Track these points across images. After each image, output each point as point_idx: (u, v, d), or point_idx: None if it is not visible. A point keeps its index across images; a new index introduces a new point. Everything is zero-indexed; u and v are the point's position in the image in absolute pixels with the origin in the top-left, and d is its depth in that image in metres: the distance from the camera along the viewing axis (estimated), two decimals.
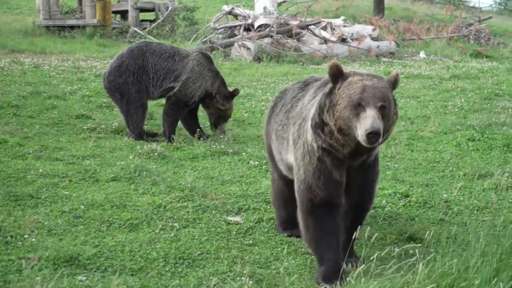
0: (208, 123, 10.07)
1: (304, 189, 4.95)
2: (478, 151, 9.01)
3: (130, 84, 9.34)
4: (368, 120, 4.31)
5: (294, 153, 5.17)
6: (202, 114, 10.17)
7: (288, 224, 5.90)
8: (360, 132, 4.35)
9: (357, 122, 4.39)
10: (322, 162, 4.82)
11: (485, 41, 24.31)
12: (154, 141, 9.13)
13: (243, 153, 8.53)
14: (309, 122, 4.83)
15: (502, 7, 49.27)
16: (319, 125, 4.68)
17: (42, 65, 15.22)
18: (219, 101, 9.55)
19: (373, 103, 4.38)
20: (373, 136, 4.29)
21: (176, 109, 9.55)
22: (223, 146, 8.79)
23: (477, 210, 6.58)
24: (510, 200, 6.83)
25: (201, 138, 9.31)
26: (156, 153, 8.27)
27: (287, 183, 5.68)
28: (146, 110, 9.61)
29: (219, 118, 9.81)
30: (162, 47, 9.88)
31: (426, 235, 5.41)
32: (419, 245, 5.21)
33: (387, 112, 4.47)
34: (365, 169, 5.01)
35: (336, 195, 4.93)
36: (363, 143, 4.38)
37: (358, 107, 4.41)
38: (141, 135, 9.37)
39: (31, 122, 9.87)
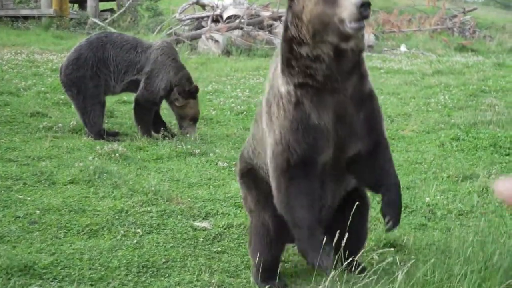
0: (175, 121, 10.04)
1: (280, 150, 4.43)
2: (462, 151, 9.06)
3: (88, 79, 9.28)
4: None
5: (267, 123, 4.60)
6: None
7: (272, 273, 4.95)
8: (346, 11, 3.90)
9: (336, 7, 3.95)
10: (298, 106, 4.31)
11: (470, 34, 24.53)
12: (115, 141, 9.11)
13: (211, 154, 8.53)
14: (277, 74, 4.44)
15: None
16: (288, 59, 4.29)
17: None
18: (176, 95, 9.44)
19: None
20: (366, 5, 3.85)
21: (147, 110, 9.53)
22: (189, 147, 8.79)
23: (461, 214, 6.59)
24: (496, 204, 6.86)
25: (166, 138, 9.30)
26: (117, 154, 8.22)
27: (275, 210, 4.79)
28: (104, 107, 9.57)
29: (181, 118, 9.73)
30: (124, 37, 9.83)
31: (406, 241, 5.46)
32: (400, 251, 5.25)
33: None
34: (363, 102, 4.42)
35: (317, 148, 4.37)
36: (349, 27, 3.93)
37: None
38: (101, 133, 9.32)
39: None
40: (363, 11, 3.85)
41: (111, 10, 25.65)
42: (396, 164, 7.98)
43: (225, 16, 21.09)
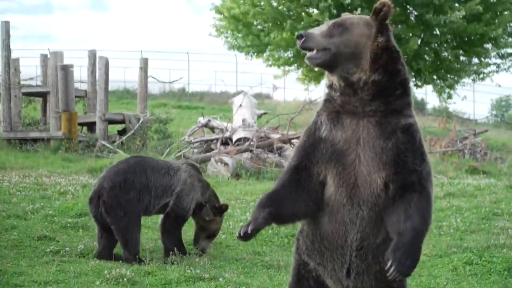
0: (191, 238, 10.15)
1: (291, 156, 4.57)
2: (476, 276, 8.97)
3: (136, 201, 9.46)
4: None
5: None
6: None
7: None
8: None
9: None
10: (316, 118, 4.46)
11: (482, 156, 24.62)
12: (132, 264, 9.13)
13: (221, 279, 8.40)
14: None
15: (499, 119, 50.21)
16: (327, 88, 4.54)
17: (1, 181, 15.24)
18: (208, 211, 9.92)
19: (327, 23, 4.38)
20: (299, 37, 4.21)
21: (177, 225, 9.87)
22: (198, 271, 8.72)
23: None
24: None
25: (175, 262, 9.33)
26: (125, 279, 8.15)
27: None
28: None
29: (202, 232, 10.10)
30: (158, 162, 10.32)
31: None
32: None
33: (342, 29, 4.26)
34: (395, 133, 4.26)
35: (313, 157, 4.34)
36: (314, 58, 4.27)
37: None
38: (138, 256, 9.40)
39: None
40: (298, 43, 4.24)
41: (121, 132, 25.92)
42: None
43: (234, 138, 21.30)
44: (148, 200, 9.62)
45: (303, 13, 30.74)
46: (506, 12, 31.47)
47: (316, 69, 4.42)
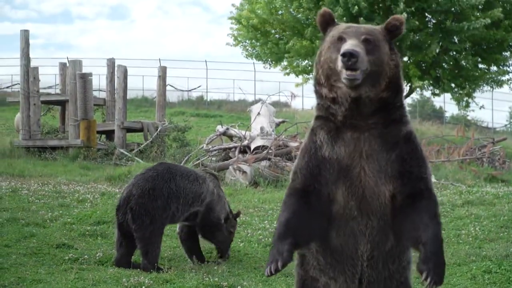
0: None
1: (292, 173, 4.48)
2: (495, 284, 8.93)
3: (162, 209, 9.47)
4: (344, 46, 4.07)
5: None
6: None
7: None
8: (338, 62, 4.06)
9: (338, 53, 4.09)
10: (312, 137, 4.37)
11: (500, 164, 24.51)
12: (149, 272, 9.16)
13: (239, 287, 8.42)
14: None
15: None
16: (315, 94, 4.40)
17: (20, 189, 15.33)
18: (233, 222, 10.22)
19: (354, 35, 4.15)
20: (348, 57, 3.95)
21: (218, 231, 10.11)
22: (217, 279, 8.72)
23: None
24: None
25: (193, 270, 9.38)
26: (143, 287, 8.19)
27: None
28: None
29: (227, 243, 10.30)
30: (186, 169, 10.59)
31: None
32: None
33: (373, 46, 4.17)
34: (397, 144, 4.25)
35: (320, 179, 4.28)
36: (343, 76, 4.05)
37: (339, 41, 4.18)
38: (157, 264, 9.41)
39: (7, 252, 9.87)
40: (346, 62, 3.97)
41: (138, 144, 25.95)
42: None
43: (252, 146, 21.30)
44: (176, 207, 9.62)
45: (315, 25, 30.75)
46: None
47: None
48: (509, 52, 32.70)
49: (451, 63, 32.62)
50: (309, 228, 4.26)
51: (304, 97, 44.77)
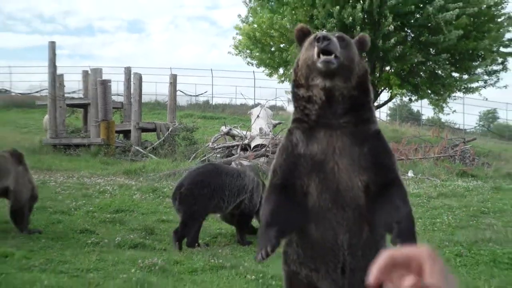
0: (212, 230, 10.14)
1: (271, 171, 4.37)
2: (465, 266, 8.96)
3: (207, 198, 9.91)
4: (318, 34, 4.01)
5: None
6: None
7: None
8: (315, 49, 3.97)
9: (313, 48, 4.02)
10: (289, 137, 4.28)
11: (470, 161, 24.53)
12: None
13: (241, 267, 8.45)
14: None
15: (486, 129, 50.01)
16: (294, 101, 4.32)
17: (48, 181, 15.37)
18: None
19: (328, 33, 4.07)
20: (321, 40, 3.88)
21: (249, 219, 10.67)
22: (221, 261, 8.75)
23: None
24: None
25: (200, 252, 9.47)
26: (157, 267, 8.20)
27: None
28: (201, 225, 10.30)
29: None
30: (229, 167, 11.22)
31: None
32: None
33: (346, 44, 4.12)
34: (367, 139, 4.23)
35: (297, 173, 4.22)
36: (318, 63, 3.95)
37: (314, 40, 4.07)
38: (194, 244, 9.90)
39: (37, 236, 9.90)
40: (320, 44, 3.89)
41: (152, 144, 25.94)
42: None
43: (252, 145, 21.36)
44: (221, 199, 10.07)
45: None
46: (492, 33, 31.40)
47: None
48: (479, 61, 32.70)
49: (428, 72, 32.61)
50: (291, 218, 4.19)
51: None
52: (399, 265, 1.55)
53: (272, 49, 33.39)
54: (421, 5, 29.89)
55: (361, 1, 28.67)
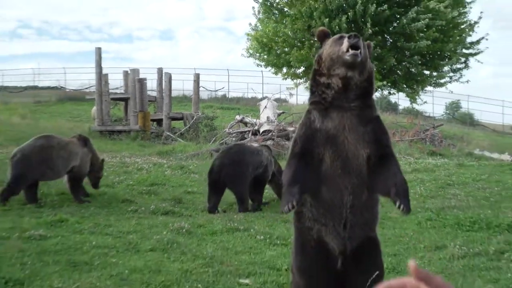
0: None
1: (292, 142, 4.46)
2: (434, 228, 8.96)
3: (243, 172, 10.25)
4: (348, 35, 4.17)
5: None
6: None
7: None
8: (344, 45, 4.11)
9: (340, 45, 4.16)
10: (308, 115, 4.37)
11: (438, 143, 24.47)
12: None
13: (252, 230, 8.49)
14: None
15: (451, 116, 49.75)
16: (312, 86, 4.42)
17: None
18: (278, 177, 10.61)
19: (352, 34, 4.18)
20: (353, 37, 4.05)
21: (264, 184, 10.93)
22: (236, 224, 8.79)
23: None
24: (460, 267, 6.76)
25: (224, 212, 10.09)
26: (184, 230, 8.24)
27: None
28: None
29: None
30: (251, 147, 11.40)
31: None
32: None
33: (364, 46, 4.23)
34: (370, 121, 4.32)
35: (315, 143, 4.27)
36: (346, 55, 4.10)
37: (340, 39, 4.23)
38: (248, 208, 10.27)
39: (87, 205, 9.95)
40: (351, 41, 4.02)
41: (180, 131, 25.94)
42: (384, 239, 7.90)
43: (261, 130, 21.34)
44: (250, 171, 10.35)
45: (311, 39, 30.58)
46: (456, 37, 31.19)
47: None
48: (446, 61, 32.47)
49: (404, 70, 32.44)
50: (308, 180, 4.21)
51: (298, 95, 44.45)
52: None
53: (277, 52, 33.19)
54: (398, 15, 29.67)
55: (347, 13, 28.47)
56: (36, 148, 10.01)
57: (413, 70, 32.64)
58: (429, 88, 36.46)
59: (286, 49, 32.53)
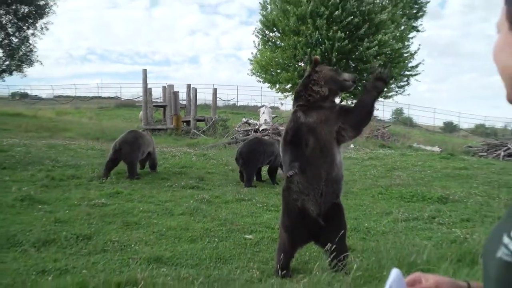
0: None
1: (284, 133, 4.46)
2: (384, 200, 8.93)
3: (256, 159, 10.12)
4: (350, 74, 4.42)
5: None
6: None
7: (285, 268, 4.57)
8: (349, 77, 4.33)
9: (341, 75, 4.35)
10: (295, 113, 4.40)
11: (387, 138, 24.45)
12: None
13: (254, 200, 8.48)
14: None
15: (396, 120, 49.63)
16: (299, 92, 4.45)
17: None
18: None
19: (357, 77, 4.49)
20: (355, 81, 4.31)
21: (276, 169, 10.60)
22: (242, 196, 8.77)
23: (384, 233, 6.45)
24: (403, 228, 6.75)
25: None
26: (205, 200, 8.22)
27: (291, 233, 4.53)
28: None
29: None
30: (266, 140, 11.08)
31: (356, 247, 5.38)
32: (353, 252, 5.18)
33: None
34: (335, 115, 4.34)
35: (301, 134, 4.29)
36: (348, 85, 4.34)
37: (337, 69, 4.51)
38: (252, 184, 10.08)
39: (136, 182, 9.92)
40: (353, 82, 4.28)
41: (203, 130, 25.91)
42: (348, 207, 7.89)
43: (260, 129, 21.28)
44: (263, 158, 10.18)
45: (296, 64, 30.41)
46: (401, 63, 31.03)
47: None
48: (393, 81, 32.30)
49: (362, 86, 32.28)
50: (300, 160, 4.22)
51: (287, 104, 44.30)
52: None
53: (272, 73, 33.01)
54: (357, 47, 29.53)
55: (322, 45, 28.37)
56: (129, 138, 10.54)
57: None
58: (380, 99, 36.32)
59: (278, 71, 32.38)
